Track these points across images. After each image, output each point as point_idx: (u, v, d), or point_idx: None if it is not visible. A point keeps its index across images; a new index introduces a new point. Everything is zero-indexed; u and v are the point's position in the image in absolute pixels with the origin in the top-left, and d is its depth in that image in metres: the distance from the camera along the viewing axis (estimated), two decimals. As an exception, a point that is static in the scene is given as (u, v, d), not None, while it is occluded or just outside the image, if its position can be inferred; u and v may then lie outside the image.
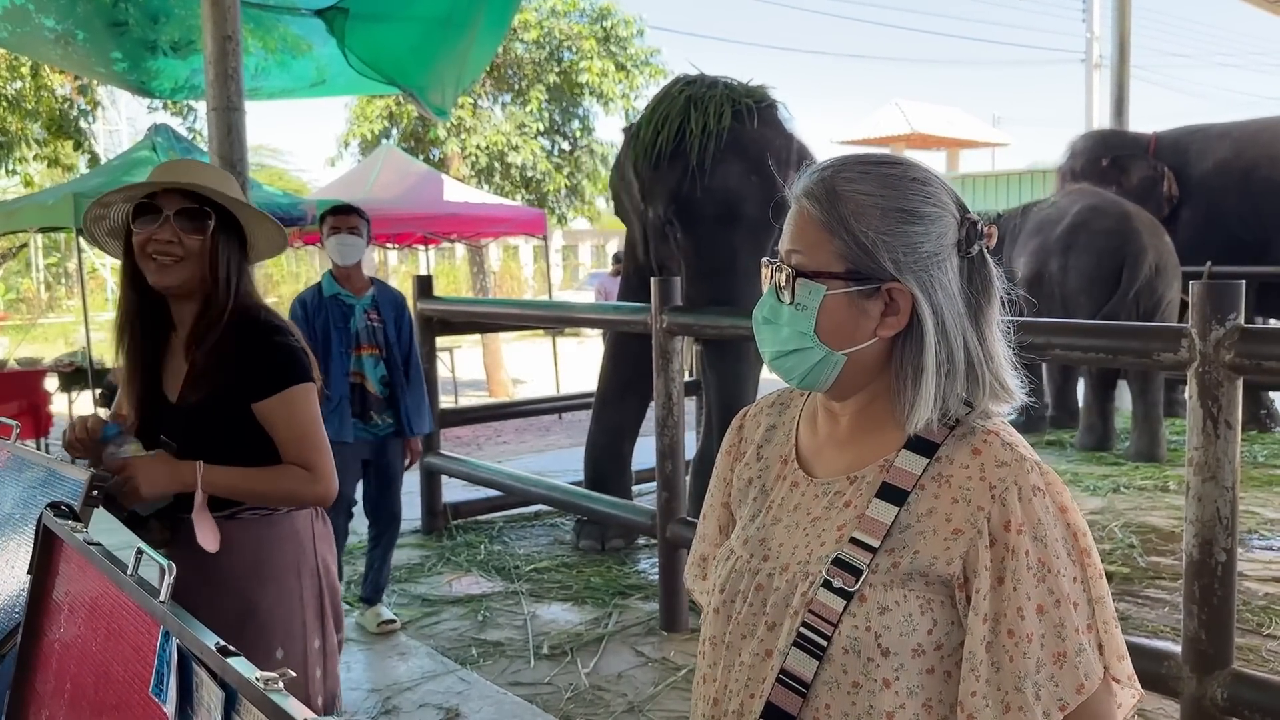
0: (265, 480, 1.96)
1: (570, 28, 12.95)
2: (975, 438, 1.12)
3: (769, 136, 4.81)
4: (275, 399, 1.95)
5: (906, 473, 1.11)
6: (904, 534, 1.09)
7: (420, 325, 5.73)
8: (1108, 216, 7.21)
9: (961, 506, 1.08)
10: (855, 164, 1.13)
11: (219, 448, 1.94)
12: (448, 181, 10.96)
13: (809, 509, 1.17)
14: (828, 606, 1.08)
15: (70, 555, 1.41)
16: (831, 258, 1.10)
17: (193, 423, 1.95)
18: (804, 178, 1.14)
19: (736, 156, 4.73)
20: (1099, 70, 23.35)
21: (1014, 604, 1.04)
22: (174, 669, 0.98)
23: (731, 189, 4.73)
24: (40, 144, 10.01)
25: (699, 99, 4.83)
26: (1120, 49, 8.80)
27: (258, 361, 1.96)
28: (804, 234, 1.12)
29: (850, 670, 1.07)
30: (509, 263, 23.29)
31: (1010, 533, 1.06)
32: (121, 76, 6.45)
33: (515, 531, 5.72)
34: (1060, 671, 1.04)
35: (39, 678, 1.44)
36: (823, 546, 1.12)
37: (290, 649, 2.00)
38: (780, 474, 1.23)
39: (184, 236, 1.93)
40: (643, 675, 3.77)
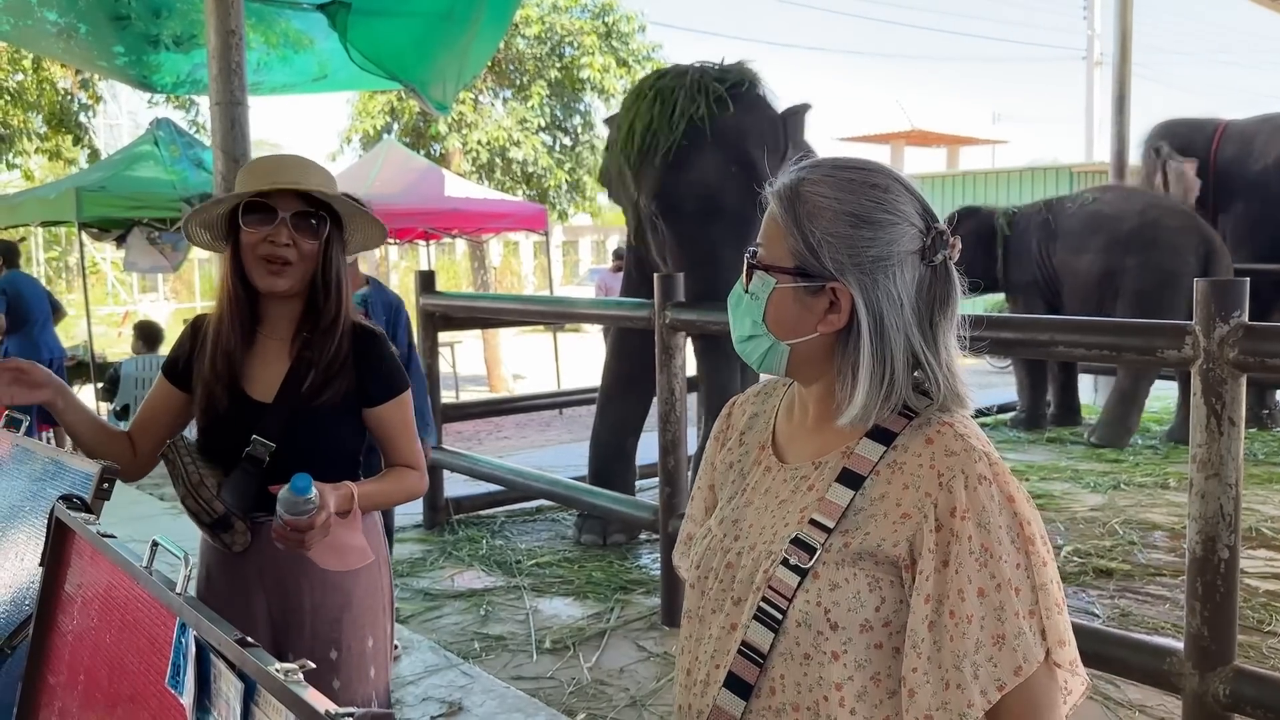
0: (393, 486, 2.05)
1: (572, 23, 12.94)
2: (930, 428, 1.17)
3: (748, 123, 4.75)
4: (392, 404, 2.03)
5: (865, 459, 1.18)
6: (857, 516, 1.16)
7: (422, 320, 5.74)
8: (1177, 214, 7.30)
9: (911, 492, 1.14)
10: (826, 166, 1.19)
11: (319, 449, 1.96)
12: (449, 177, 10.95)
13: (777, 492, 1.24)
14: (784, 583, 1.15)
15: (83, 547, 1.41)
16: (784, 253, 1.18)
17: (298, 425, 1.94)
18: (783, 176, 1.21)
19: (714, 147, 4.69)
20: (1100, 67, 23.34)
21: (956, 586, 1.10)
22: (191, 661, 0.99)
23: (709, 182, 4.71)
24: (41, 138, 10.00)
25: (675, 89, 4.79)
26: (1122, 46, 8.78)
27: (375, 370, 2.02)
28: (768, 229, 1.20)
29: (802, 642, 1.14)
30: (510, 258, 23.28)
31: (955, 518, 1.11)
32: (123, 70, 6.44)
33: (517, 526, 5.73)
34: (999, 653, 1.09)
35: (51, 669, 1.45)
36: (786, 527, 1.19)
37: (377, 637, 2.05)
38: (757, 459, 1.30)
39: (299, 240, 1.92)
40: (645, 670, 3.78)
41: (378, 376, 2.02)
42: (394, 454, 2.07)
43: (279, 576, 1.97)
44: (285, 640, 1.98)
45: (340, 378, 1.97)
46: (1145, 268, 7.09)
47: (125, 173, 8.20)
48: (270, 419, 1.94)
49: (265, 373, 1.98)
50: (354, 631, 2.00)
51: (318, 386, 1.95)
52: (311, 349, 1.96)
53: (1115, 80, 8.89)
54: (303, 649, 1.95)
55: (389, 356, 2.06)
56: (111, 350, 11.08)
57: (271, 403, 1.96)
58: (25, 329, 7.45)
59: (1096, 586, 4.50)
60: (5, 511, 1.99)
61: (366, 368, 2.01)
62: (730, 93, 4.79)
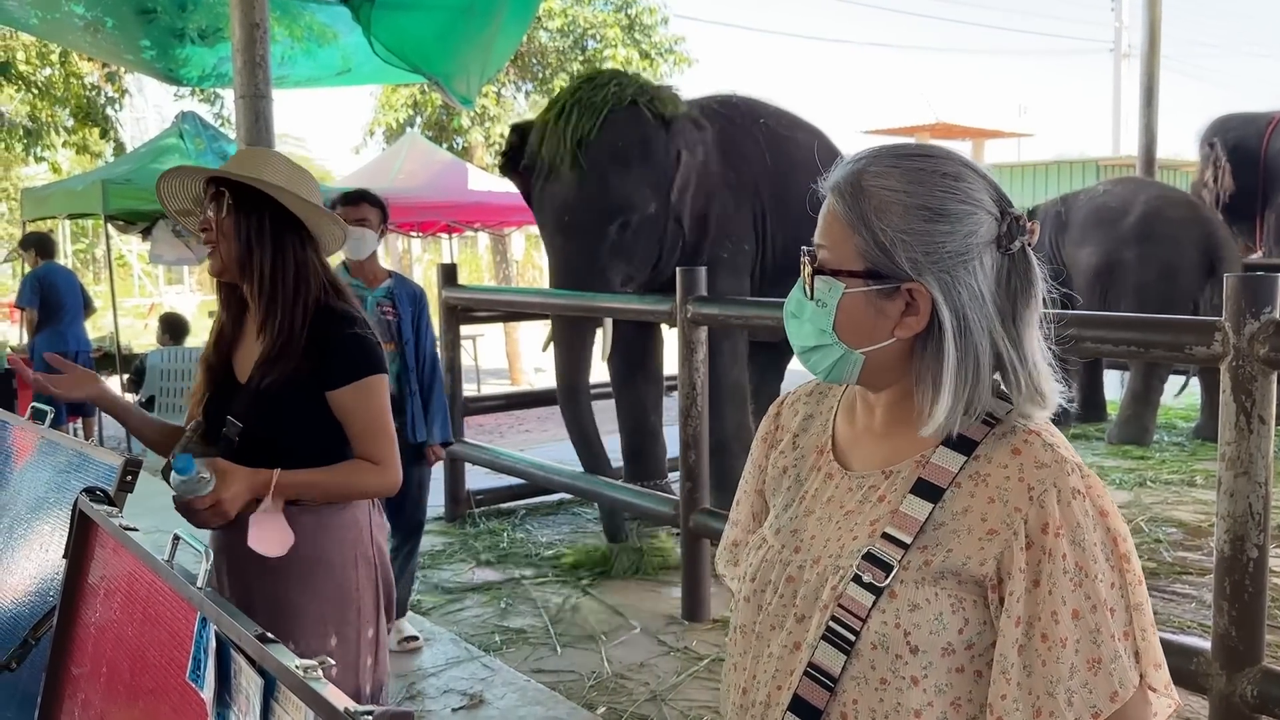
0: (338, 480, 2.00)
1: (594, 16, 12.93)
2: (1015, 437, 1.10)
3: (608, 138, 4.80)
4: (350, 388, 1.99)
5: (943, 469, 1.10)
6: (938, 531, 1.08)
7: (444, 313, 5.76)
8: (1179, 205, 7.20)
9: (998, 506, 1.06)
10: (887, 157, 1.10)
11: (286, 431, 1.98)
12: (472, 170, 10.97)
13: (842, 502, 1.16)
14: (857, 601, 1.07)
15: (106, 540, 1.42)
16: (852, 255, 1.08)
17: (262, 405, 1.97)
18: (837, 169, 1.12)
19: (574, 163, 4.80)
20: (1128, 60, 23.11)
21: (1049, 607, 1.03)
22: (211, 655, 0.99)
23: (561, 195, 4.84)
24: (69, 131, 10.09)
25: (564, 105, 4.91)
26: (1150, 38, 8.69)
27: (334, 351, 1.99)
28: (829, 229, 1.11)
29: (878, 666, 1.06)
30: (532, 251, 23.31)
31: (1048, 535, 1.04)
32: (150, 64, 6.50)
33: (538, 520, 5.74)
34: (1094, 678, 1.02)
35: (75, 661, 1.46)
36: (855, 541, 1.11)
37: (344, 636, 2.02)
38: (815, 465, 1.21)
39: (216, 220, 1.98)
40: (665, 664, 3.78)
41: (334, 359, 1.99)
42: (354, 444, 2.02)
43: (241, 564, 1.98)
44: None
45: (287, 358, 1.95)
46: (1144, 260, 6.99)
47: (151, 165, 8.25)
48: (242, 398, 1.99)
49: (248, 356, 2.04)
50: (314, 628, 1.98)
51: (264, 365, 1.97)
52: (262, 327, 2.00)
53: (1144, 73, 8.80)
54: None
55: (351, 340, 2.01)
56: (137, 342, 11.16)
57: (244, 382, 2.02)
58: (55, 322, 7.52)
59: (1121, 584, 4.46)
60: (31, 503, 2.01)
61: (324, 349, 1.98)
62: (610, 113, 4.84)
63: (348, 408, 1.99)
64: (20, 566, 1.88)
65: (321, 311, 2.01)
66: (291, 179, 2.03)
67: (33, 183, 14.81)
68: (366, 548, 2.08)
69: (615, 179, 4.76)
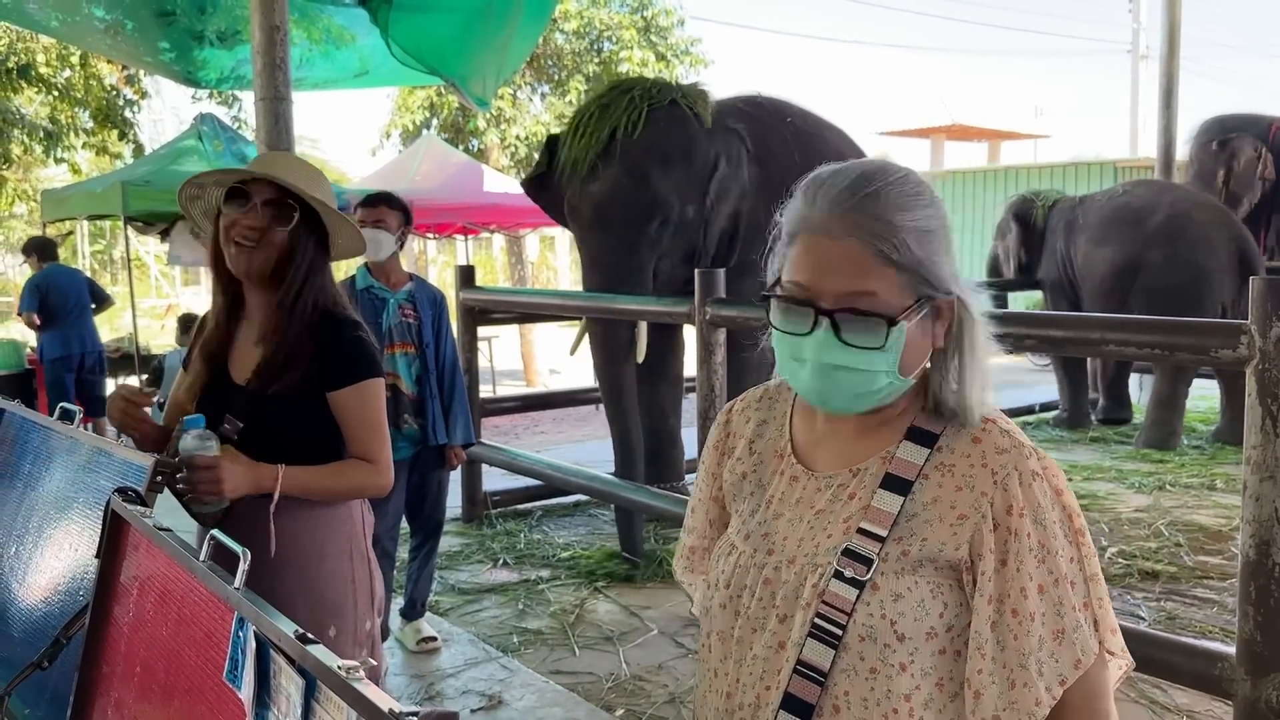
0: (334, 478, 2.04)
1: (610, 17, 12.93)
2: (973, 427, 1.16)
3: (651, 138, 4.81)
4: (350, 390, 2.03)
5: (909, 463, 1.15)
6: (910, 522, 1.13)
7: (462, 315, 5.77)
8: (1208, 208, 7.15)
9: (966, 493, 1.12)
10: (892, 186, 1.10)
11: (288, 432, 2.01)
12: (488, 172, 10.98)
13: (811, 502, 1.19)
14: (840, 596, 1.11)
15: (138, 540, 1.43)
16: (901, 292, 1.10)
17: (264, 408, 2.00)
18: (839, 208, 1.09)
19: (616, 161, 4.81)
20: (1145, 61, 22.99)
21: (1017, 584, 1.09)
22: (250, 655, 1.00)
23: (602, 192, 4.83)
24: (88, 133, 10.15)
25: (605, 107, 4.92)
26: (1170, 39, 8.63)
27: (335, 354, 2.03)
28: (867, 274, 1.08)
29: (867, 657, 1.10)
30: (546, 252, 23.34)
31: (1012, 516, 1.10)
32: (169, 66, 6.52)
33: (554, 521, 5.74)
34: (1060, 648, 1.09)
35: (107, 660, 1.46)
36: (829, 539, 1.15)
37: (342, 629, 2.06)
38: (777, 468, 1.24)
39: (271, 226, 1.99)
40: (683, 666, 3.78)
41: (336, 361, 2.03)
42: (350, 444, 2.06)
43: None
44: None
45: (297, 365, 2.00)
46: (1172, 262, 6.91)
47: (170, 167, 8.29)
48: (239, 400, 2.01)
49: (245, 357, 2.07)
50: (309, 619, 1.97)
51: (275, 371, 2.00)
52: (274, 334, 2.03)
53: (1163, 74, 8.74)
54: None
55: (353, 342, 2.06)
56: (155, 342, 11.23)
57: (243, 385, 2.04)
58: (58, 324, 7.59)
59: (1142, 589, 4.44)
60: (57, 502, 2.02)
61: (327, 353, 2.03)
62: (650, 111, 4.84)
63: (348, 409, 2.04)
64: (50, 565, 1.90)
65: (325, 316, 2.06)
66: (320, 185, 2.07)
67: (52, 184, 14.91)
68: (360, 543, 2.13)
69: (657, 176, 4.75)
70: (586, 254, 5.07)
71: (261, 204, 1.99)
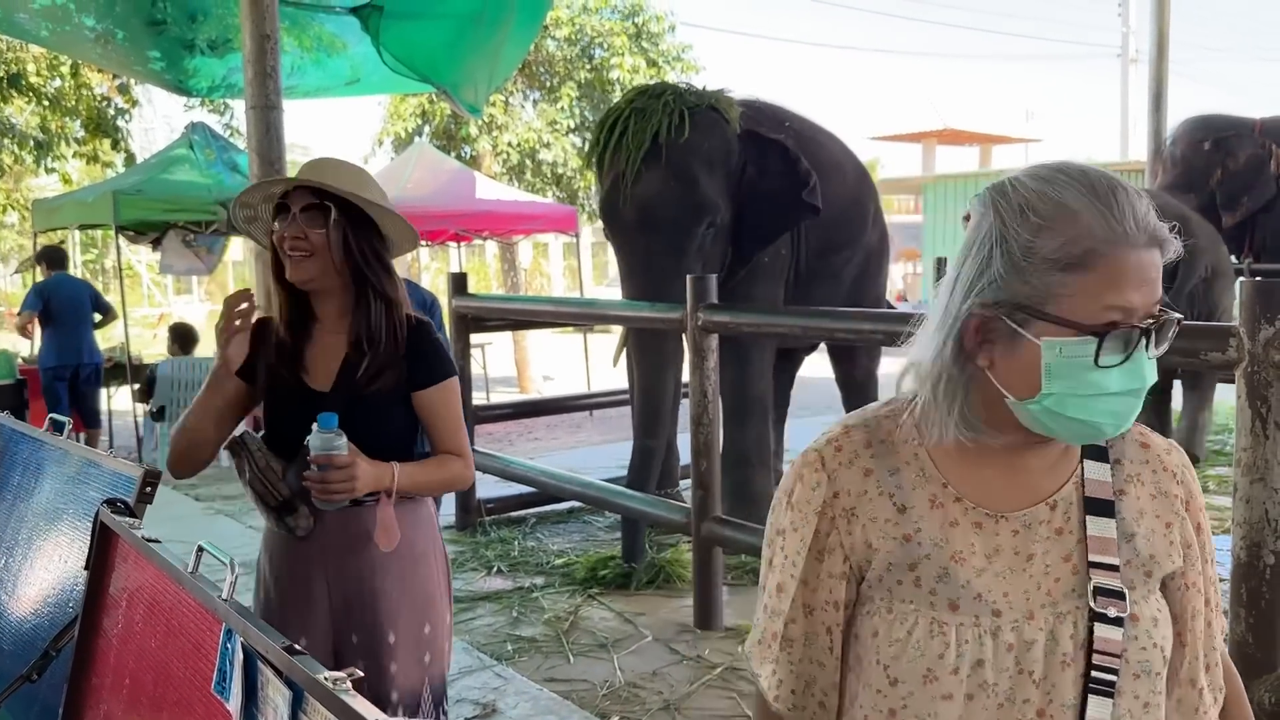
0: (438, 472, 2.10)
1: (602, 24, 12.95)
2: (1131, 431, 1.13)
3: (694, 142, 4.81)
4: (436, 389, 2.09)
5: (1101, 482, 1.09)
6: (1133, 542, 1.08)
7: (455, 322, 5.77)
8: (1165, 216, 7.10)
9: (1161, 499, 1.12)
10: (1136, 188, 1.05)
11: (383, 434, 2.04)
12: (480, 179, 10.99)
13: (1015, 548, 1.07)
14: (1109, 640, 1.04)
15: (127, 551, 1.43)
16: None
17: (365, 412, 2.02)
18: (1149, 218, 1.03)
19: (660, 164, 4.79)
20: (1135, 64, 23.09)
21: (1209, 574, 1.14)
22: (238, 667, 0.99)
23: (647, 194, 4.80)
24: (79, 142, 10.13)
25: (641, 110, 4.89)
26: (1159, 43, 8.66)
27: (422, 354, 2.08)
28: (1155, 278, 1.03)
29: (1141, 693, 1.05)
30: (540, 259, 23.36)
31: (1195, 511, 1.14)
32: (159, 75, 6.52)
33: (548, 528, 5.74)
34: (1218, 620, 1.16)
35: (96, 672, 1.46)
36: (1057, 582, 1.06)
37: (435, 625, 2.12)
38: (951, 519, 1.08)
39: (309, 231, 2.01)
40: (678, 673, 3.78)
41: (423, 362, 2.09)
42: (439, 440, 2.12)
43: (340, 560, 2.05)
44: (345, 623, 2.06)
45: (393, 366, 2.05)
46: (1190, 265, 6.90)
47: (161, 176, 8.28)
48: (328, 407, 2.00)
49: (323, 364, 2.09)
50: (411, 616, 2.07)
51: (371, 375, 2.04)
52: (364, 339, 2.05)
53: (1152, 77, 8.78)
54: (362, 631, 2.04)
55: (435, 343, 2.12)
56: (147, 352, 11.21)
57: (329, 391, 2.05)
58: (55, 331, 7.59)
59: (1135, 591, 4.44)
60: (49, 514, 2.02)
61: (413, 354, 2.08)
62: (690, 114, 4.84)
63: (434, 407, 2.10)
64: (40, 577, 1.89)
65: (404, 318, 2.10)
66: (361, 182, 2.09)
67: (43, 193, 14.87)
68: (438, 540, 2.20)
69: (705, 178, 4.76)
70: (630, 258, 4.94)
71: (300, 211, 2.01)
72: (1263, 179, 8.02)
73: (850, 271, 5.71)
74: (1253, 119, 8.42)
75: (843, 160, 5.76)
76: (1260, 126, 8.29)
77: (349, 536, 2.02)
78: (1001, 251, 1.01)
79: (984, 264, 1.02)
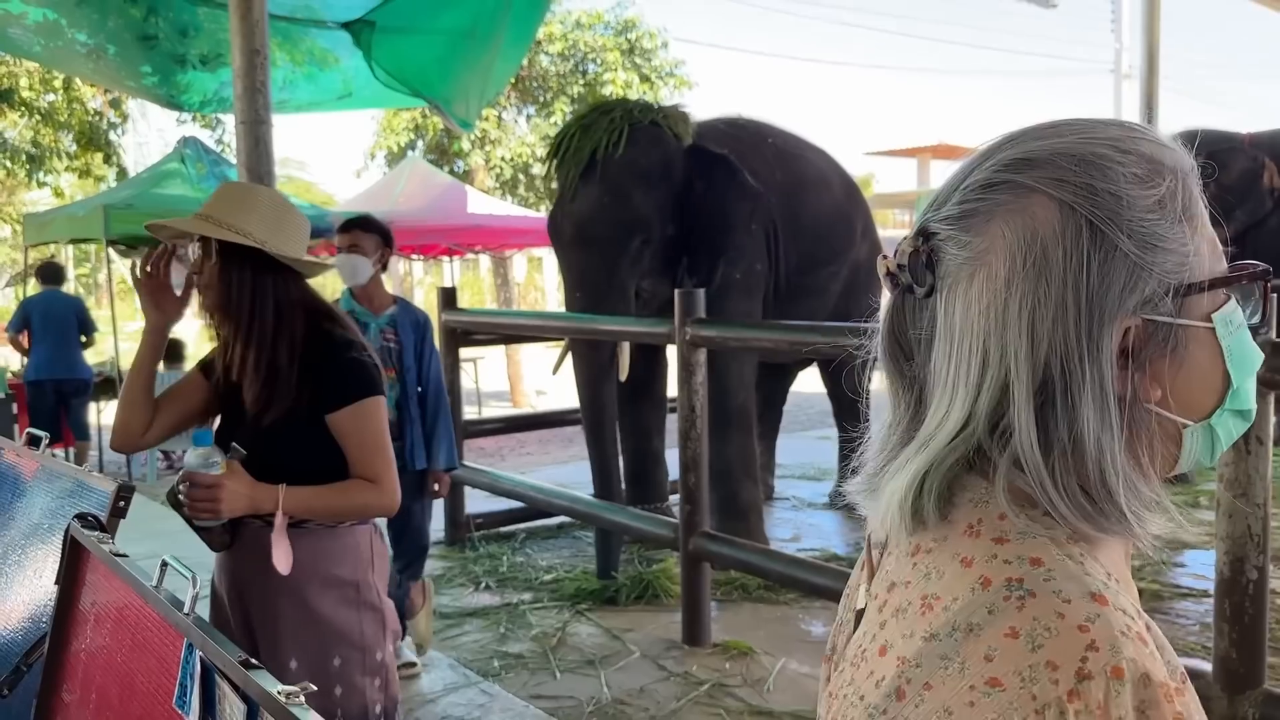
0: (337, 498, 2.04)
1: (595, 40, 13.01)
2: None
3: (630, 157, 4.86)
4: (348, 411, 2.03)
5: None
6: None
7: (444, 336, 5.76)
8: None
9: None
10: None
11: (291, 458, 2.01)
12: (472, 193, 11.02)
13: None
14: None
15: (96, 566, 1.42)
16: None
17: (265, 438, 2.00)
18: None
19: (597, 181, 4.85)
20: (1128, 80, 23.21)
21: None
22: (197, 681, 0.99)
23: (582, 212, 4.87)
24: (71, 156, 10.14)
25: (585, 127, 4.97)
26: (1149, 59, 8.70)
27: (332, 375, 2.04)
28: None
29: None
30: (533, 273, 23.36)
31: None
32: (151, 90, 6.53)
33: (538, 543, 5.72)
34: None
35: (65, 688, 1.45)
36: None
37: (347, 657, 2.06)
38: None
39: (204, 265, 2.03)
40: (665, 689, 3.76)
41: (332, 383, 2.04)
42: (352, 465, 2.05)
43: (246, 577, 2.04)
44: (247, 640, 2.04)
45: (279, 397, 2.01)
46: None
47: (153, 190, 8.29)
48: (245, 429, 2.02)
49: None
50: (317, 646, 2.03)
51: (258, 405, 2.02)
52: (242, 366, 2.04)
53: (1143, 93, 8.82)
54: (265, 653, 2.01)
55: (348, 364, 2.06)
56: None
57: (251, 414, 2.05)
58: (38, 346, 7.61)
59: (1124, 606, 4.44)
60: (26, 530, 2.00)
61: (322, 375, 2.04)
62: (631, 131, 4.89)
63: (346, 430, 2.04)
64: (14, 593, 1.88)
65: (317, 339, 2.06)
66: (276, 219, 2.06)
67: (35, 207, 14.86)
68: (368, 571, 2.12)
69: (639, 195, 4.82)
70: (568, 273, 5.08)
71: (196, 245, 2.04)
72: (1255, 193, 8.05)
73: (836, 287, 5.72)
74: (1240, 133, 8.47)
75: (829, 175, 5.78)
76: (1249, 140, 8.33)
77: (256, 556, 1.99)
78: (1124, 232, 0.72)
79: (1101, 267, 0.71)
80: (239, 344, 2.03)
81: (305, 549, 2.01)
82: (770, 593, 4.66)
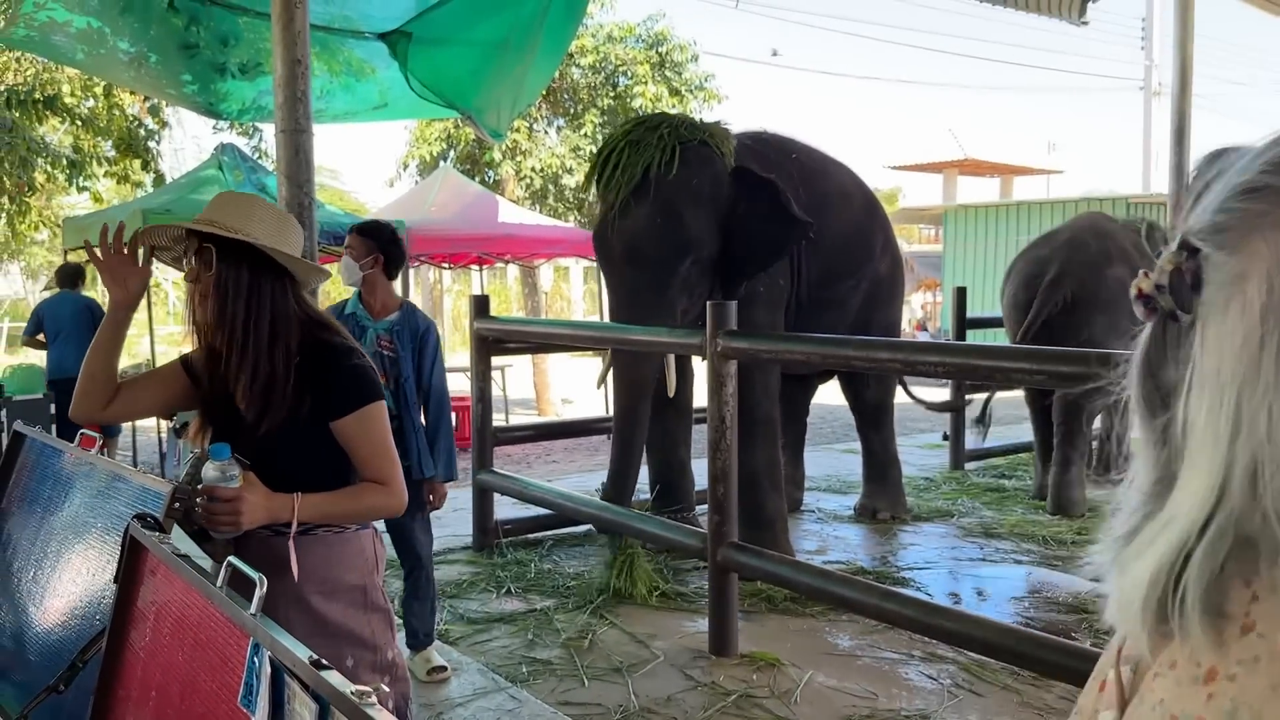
0: (350, 502, 2.07)
1: (626, 53, 13.07)
2: None
3: (682, 177, 4.87)
4: (352, 417, 2.06)
5: None
6: None
7: (476, 344, 5.82)
8: (1047, 244, 6.81)
9: None
10: None
11: (297, 466, 2.04)
12: (503, 203, 11.09)
13: None
14: None
15: (156, 565, 1.46)
16: None
17: (267, 447, 2.03)
18: None
19: (648, 199, 4.86)
20: (1158, 97, 23.05)
21: None
22: (265, 680, 1.02)
23: (634, 230, 4.88)
24: (110, 162, 10.28)
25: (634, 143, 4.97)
26: (1182, 76, 8.65)
27: (333, 383, 2.06)
28: None
29: None
30: (560, 283, 23.43)
31: None
32: (191, 98, 6.61)
33: (565, 550, 5.75)
34: None
35: (122, 684, 1.49)
36: None
37: (359, 658, 2.10)
38: None
39: (201, 274, 2.05)
40: (692, 699, 3.77)
41: (334, 391, 2.06)
42: (361, 469, 2.09)
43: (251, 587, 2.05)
44: None
45: (275, 405, 2.02)
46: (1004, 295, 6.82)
47: (190, 196, 8.39)
48: (246, 437, 2.03)
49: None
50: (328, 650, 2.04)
51: (256, 413, 2.03)
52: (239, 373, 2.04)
53: (1174, 111, 8.76)
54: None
55: (347, 371, 2.08)
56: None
57: (250, 422, 2.06)
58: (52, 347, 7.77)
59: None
60: (77, 528, 2.06)
61: (322, 383, 2.06)
62: (682, 149, 4.90)
63: (352, 435, 2.07)
64: (68, 590, 1.93)
65: (315, 348, 2.08)
66: (276, 225, 2.09)
67: (74, 211, 15.08)
68: (374, 576, 2.18)
69: (690, 215, 4.86)
70: (617, 290, 5.08)
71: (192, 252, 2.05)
72: None
73: (856, 300, 5.75)
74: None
75: (851, 190, 5.80)
76: None
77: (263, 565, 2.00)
78: None
79: None
80: (235, 353, 2.04)
81: (315, 555, 2.05)
82: (796, 604, 4.67)
